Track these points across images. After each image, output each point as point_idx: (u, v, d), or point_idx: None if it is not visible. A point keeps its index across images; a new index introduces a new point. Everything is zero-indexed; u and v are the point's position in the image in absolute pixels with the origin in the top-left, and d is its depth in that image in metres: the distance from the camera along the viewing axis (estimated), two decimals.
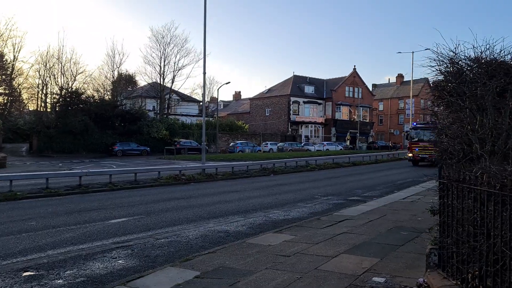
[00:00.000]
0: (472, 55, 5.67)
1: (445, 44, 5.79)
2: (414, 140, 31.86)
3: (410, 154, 32.11)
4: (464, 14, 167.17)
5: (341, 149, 58.02)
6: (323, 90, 74.21)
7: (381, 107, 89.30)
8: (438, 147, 5.74)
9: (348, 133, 67.05)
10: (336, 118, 72.27)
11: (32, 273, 6.68)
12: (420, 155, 31.00)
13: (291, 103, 69.02)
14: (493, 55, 5.61)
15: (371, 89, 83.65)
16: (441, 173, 5.53)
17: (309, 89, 72.26)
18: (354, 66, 79.91)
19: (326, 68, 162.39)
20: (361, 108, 73.83)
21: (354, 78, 74.84)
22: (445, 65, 6.03)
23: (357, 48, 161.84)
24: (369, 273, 6.21)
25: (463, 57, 5.90)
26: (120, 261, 7.36)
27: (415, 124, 34.62)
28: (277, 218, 11.53)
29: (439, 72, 5.84)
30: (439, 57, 5.74)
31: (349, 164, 33.15)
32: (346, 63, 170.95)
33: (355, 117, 72.38)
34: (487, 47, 5.58)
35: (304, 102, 70.41)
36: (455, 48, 5.73)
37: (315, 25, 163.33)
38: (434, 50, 5.77)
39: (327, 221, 10.41)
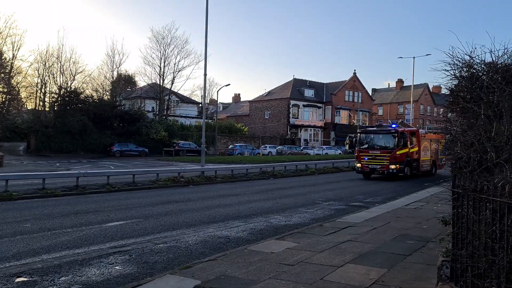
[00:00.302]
0: (489, 60, 5.43)
1: (460, 48, 5.56)
2: (363, 147, 25.94)
3: (359, 165, 25.93)
4: (466, 20, 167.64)
5: (340, 153, 57.77)
6: (323, 94, 74.09)
7: (380, 112, 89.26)
8: (452, 155, 5.49)
9: (348, 137, 66.77)
10: (335, 122, 72.10)
11: (25, 279, 6.41)
12: (369, 166, 25.19)
13: (290, 106, 68.82)
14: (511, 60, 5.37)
15: (370, 94, 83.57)
16: (455, 182, 5.29)
17: (309, 93, 72.08)
18: (354, 70, 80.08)
19: (326, 72, 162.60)
20: (361, 112, 73.67)
21: (354, 82, 74.74)
22: (459, 70, 5.80)
23: (357, 53, 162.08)
24: (378, 285, 5.96)
25: (478, 61, 5.67)
26: (117, 267, 7.09)
27: (364, 126, 29.44)
28: (278, 223, 11.27)
29: (454, 76, 5.59)
30: (454, 60, 5.50)
31: (349, 169, 32.91)
32: (346, 67, 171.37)
33: (355, 122, 72.19)
34: (505, 51, 5.34)
35: (304, 106, 70.23)
36: (471, 52, 5.49)
37: (315, 28, 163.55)
38: (449, 53, 5.52)
39: (330, 228, 10.15)
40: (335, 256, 7.53)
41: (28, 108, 58.55)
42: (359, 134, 26.93)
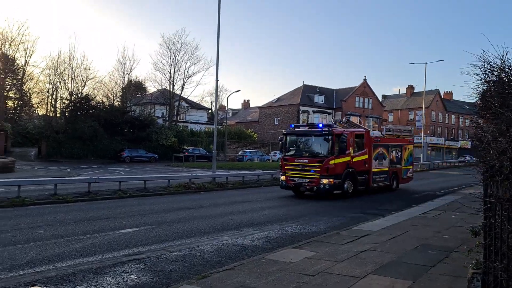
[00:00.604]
0: None
1: (491, 51, 5.35)
2: (289, 153, 19.37)
3: (283, 177, 19.04)
4: (467, 22, 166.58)
5: None
6: (333, 100, 73.73)
7: (390, 118, 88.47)
8: (483, 162, 5.26)
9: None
10: None
11: None
12: (296, 179, 18.47)
13: (300, 112, 68.52)
14: None
15: (381, 100, 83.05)
16: (488, 191, 5.06)
17: (318, 99, 71.80)
18: (365, 76, 79.97)
19: (336, 78, 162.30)
20: (371, 118, 73.17)
21: (364, 89, 74.31)
22: (489, 74, 5.59)
23: (367, 59, 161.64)
24: None
25: (508, 65, 5.46)
26: (132, 276, 6.92)
27: (292, 126, 20.83)
28: (294, 231, 11.05)
29: (484, 81, 5.38)
30: (485, 64, 5.29)
31: None
32: (356, 74, 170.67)
33: None
34: None
35: (314, 112, 69.87)
36: (502, 56, 5.27)
37: (325, 34, 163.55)
38: (479, 56, 5.32)
39: (347, 236, 9.91)
40: (356, 266, 7.29)
41: (40, 113, 59.19)
42: (284, 136, 19.96)
